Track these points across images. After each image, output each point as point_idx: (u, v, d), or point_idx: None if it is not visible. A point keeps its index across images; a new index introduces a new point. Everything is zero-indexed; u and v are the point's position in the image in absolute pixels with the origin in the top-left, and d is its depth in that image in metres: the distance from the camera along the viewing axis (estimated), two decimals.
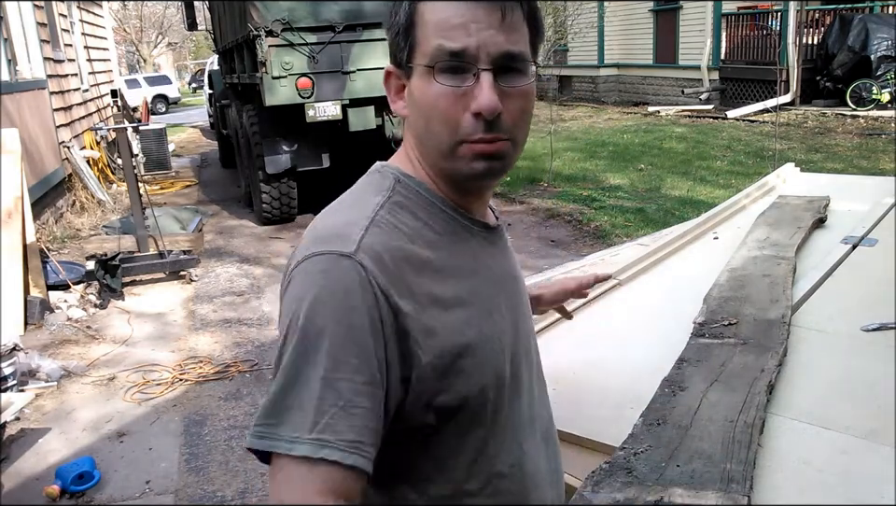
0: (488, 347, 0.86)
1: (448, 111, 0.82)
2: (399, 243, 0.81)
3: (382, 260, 0.78)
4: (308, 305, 0.76)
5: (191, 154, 14.52)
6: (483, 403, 0.86)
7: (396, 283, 0.78)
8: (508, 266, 0.97)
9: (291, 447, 0.73)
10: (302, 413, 0.73)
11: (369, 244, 0.79)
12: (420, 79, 0.83)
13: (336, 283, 0.76)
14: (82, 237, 7.31)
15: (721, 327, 1.53)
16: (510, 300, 0.94)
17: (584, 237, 6.65)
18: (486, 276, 0.90)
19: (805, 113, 12.65)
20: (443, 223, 0.87)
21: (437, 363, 0.80)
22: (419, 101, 0.84)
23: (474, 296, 0.86)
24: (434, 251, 0.84)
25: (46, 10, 9.20)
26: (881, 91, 12.03)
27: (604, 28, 17.69)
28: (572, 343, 1.67)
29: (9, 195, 5.30)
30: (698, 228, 2.42)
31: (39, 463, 3.37)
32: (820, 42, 13.21)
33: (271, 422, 0.75)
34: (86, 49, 12.34)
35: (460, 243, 0.88)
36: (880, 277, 1.80)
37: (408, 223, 0.84)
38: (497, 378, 0.87)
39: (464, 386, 0.83)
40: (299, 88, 6.59)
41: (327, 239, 0.80)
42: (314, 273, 0.78)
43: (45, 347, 4.63)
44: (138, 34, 37.65)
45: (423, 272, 0.82)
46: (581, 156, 10.56)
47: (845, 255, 1.97)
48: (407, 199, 0.86)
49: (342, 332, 0.75)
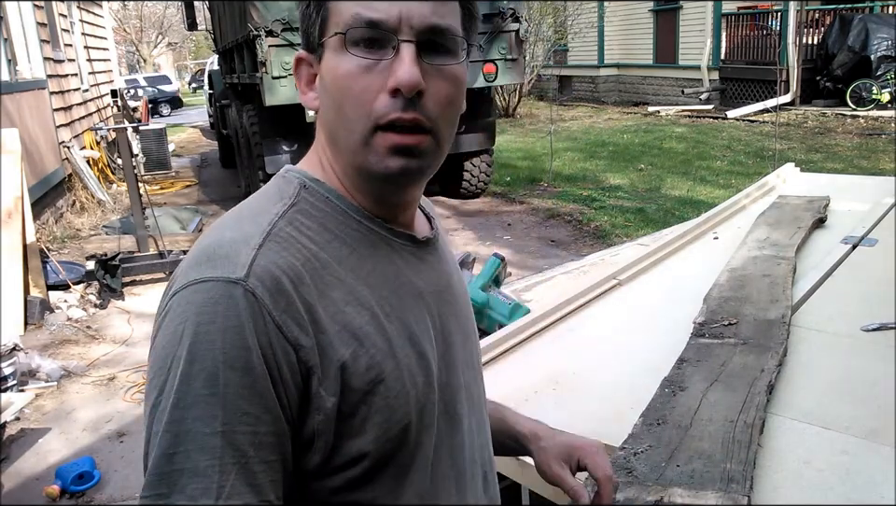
0: (408, 380, 0.73)
1: (362, 90, 0.70)
2: (300, 260, 0.69)
3: (278, 284, 0.66)
4: (191, 345, 0.63)
5: (191, 154, 14.52)
6: (406, 446, 0.73)
7: (294, 312, 0.66)
8: (441, 284, 0.83)
9: None
10: (200, 478, 0.61)
11: (262, 265, 0.66)
12: (332, 56, 0.72)
13: (224, 317, 0.64)
14: (82, 237, 7.31)
15: (721, 327, 1.53)
16: (441, 324, 0.81)
17: (584, 237, 6.65)
18: (409, 297, 0.77)
19: (805, 113, 12.65)
20: (357, 235, 0.75)
21: (346, 402, 0.69)
22: (330, 83, 0.73)
23: (392, 321, 0.74)
24: (345, 268, 0.72)
25: (46, 10, 9.20)
26: (881, 91, 12.03)
27: (604, 28, 17.70)
28: (572, 343, 1.67)
29: (9, 195, 5.30)
30: (698, 228, 2.42)
31: (39, 463, 3.37)
32: (820, 42, 13.22)
33: (161, 492, 0.61)
34: (86, 49, 12.34)
35: (377, 258, 0.76)
36: (880, 277, 1.80)
37: (313, 236, 0.72)
38: (421, 414, 0.74)
39: (381, 428, 0.70)
40: None
41: (212, 260, 0.67)
42: (196, 303, 0.65)
43: (45, 347, 4.63)
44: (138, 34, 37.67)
45: (330, 293, 0.70)
46: (580, 156, 10.56)
47: (845, 255, 1.97)
48: (314, 207, 0.74)
49: (236, 378, 0.63)
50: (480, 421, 0.88)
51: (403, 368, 0.73)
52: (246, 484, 0.62)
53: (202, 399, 0.62)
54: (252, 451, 0.63)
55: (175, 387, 0.63)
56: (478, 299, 2.22)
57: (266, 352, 0.64)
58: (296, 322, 0.66)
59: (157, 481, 0.62)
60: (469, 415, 0.84)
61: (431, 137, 0.73)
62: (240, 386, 0.63)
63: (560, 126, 13.15)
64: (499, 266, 2.34)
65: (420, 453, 0.75)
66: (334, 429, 0.69)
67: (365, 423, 0.70)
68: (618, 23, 17.67)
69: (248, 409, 0.63)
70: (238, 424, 0.62)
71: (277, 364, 0.65)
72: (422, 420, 0.74)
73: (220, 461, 0.61)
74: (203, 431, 0.61)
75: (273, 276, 0.66)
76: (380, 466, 0.72)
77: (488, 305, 2.24)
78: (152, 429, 0.64)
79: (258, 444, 0.63)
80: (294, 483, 0.70)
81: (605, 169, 9.54)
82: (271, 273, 0.66)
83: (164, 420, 0.62)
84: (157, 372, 0.65)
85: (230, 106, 9.25)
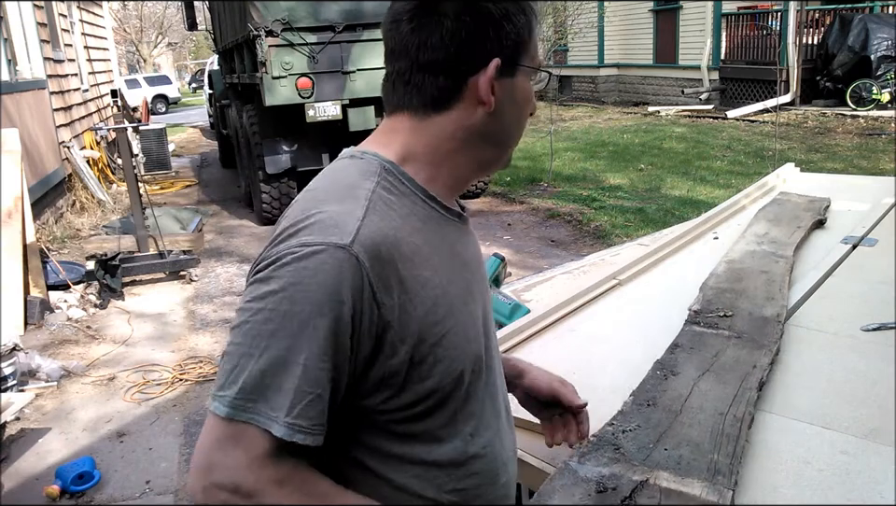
0: (466, 333, 0.91)
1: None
2: (393, 230, 0.84)
3: (377, 251, 0.81)
4: (300, 291, 0.78)
5: (191, 154, 14.52)
6: (460, 389, 0.90)
7: (385, 276, 0.81)
8: (476, 252, 1.02)
9: (269, 425, 0.78)
10: (281, 394, 0.78)
11: (366, 234, 0.81)
12: (525, 79, 0.92)
13: (329, 275, 0.78)
14: (82, 237, 7.31)
15: (717, 317, 1.53)
16: (479, 285, 0.99)
17: (584, 237, 6.65)
18: (461, 263, 0.94)
19: (805, 113, 12.65)
20: (424, 212, 0.90)
21: (418, 351, 0.84)
22: (521, 98, 0.93)
23: (452, 284, 0.90)
24: (420, 239, 0.87)
25: (46, 10, 9.20)
26: (881, 91, 12.03)
27: (604, 28, 17.69)
28: (573, 342, 1.67)
29: (9, 195, 5.30)
30: (698, 228, 2.42)
31: (39, 463, 3.37)
32: (820, 42, 13.22)
33: (251, 397, 0.78)
34: (86, 49, 12.34)
35: (441, 232, 0.92)
36: (880, 277, 1.80)
37: (398, 210, 0.87)
38: (474, 362, 0.92)
39: (444, 373, 0.87)
40: (299, 88, 6.59)
41: (322, 226, 0.81)
42: (308, 258, 0.79)
43: (45, 347, 4.63)
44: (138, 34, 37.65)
45: (412, 259, 0.85)
46: (581, 156, 10.56)
47: (845, 255, 1.97)
48: (393, 186, 0.89)
49: (328, 325, 0.78)
50: (500, 372, 1.05)
51: (461, 324, 0.90)
52: (313, 409, 0.79)
53: (298, 336, 0.78)
54: (323, 384, 0.79)
55: (279, 322, 0.78)
56: None
57: (357, 306, 0.79)
58: (385, 284, 0.81)
59: (251, 387, 0.78)
60: (497, 366, 1.02)
61: None
62: (327, 332, 0.78)
63: (560, 126, 13.14)
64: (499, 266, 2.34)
65: (470, 394, 0.92)
66: (405, 373, 0.84)
67: (432, 369, 0.86)
68: (618, 23, 17.67)
69: (329, 352, 0.79)
70: (318, 362, 0.78)
71: (362, 318, 0.80)
72: (473, 368, 0.92)
73: (298, 388, 0.78)
74: (291, 359, 0.78)
75: (375, 243, 0.81)
76: (439, 404, 0.89)
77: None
78: (242, 347, 0.80)
79: (327, 380, 0.80)
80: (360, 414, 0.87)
81: (605, 169, 9.54)
82: (373, 240, 0.81)
83: (266, 346, 0.79)
84: (268, 303, 0.79)
85: (230, 106, 9.25)
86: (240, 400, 0.78)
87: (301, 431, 0.78)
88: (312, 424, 0.79)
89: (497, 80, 0.89)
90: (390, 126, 0.94)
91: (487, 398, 0.97)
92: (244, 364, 0.79)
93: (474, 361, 0.92)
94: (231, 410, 0.79)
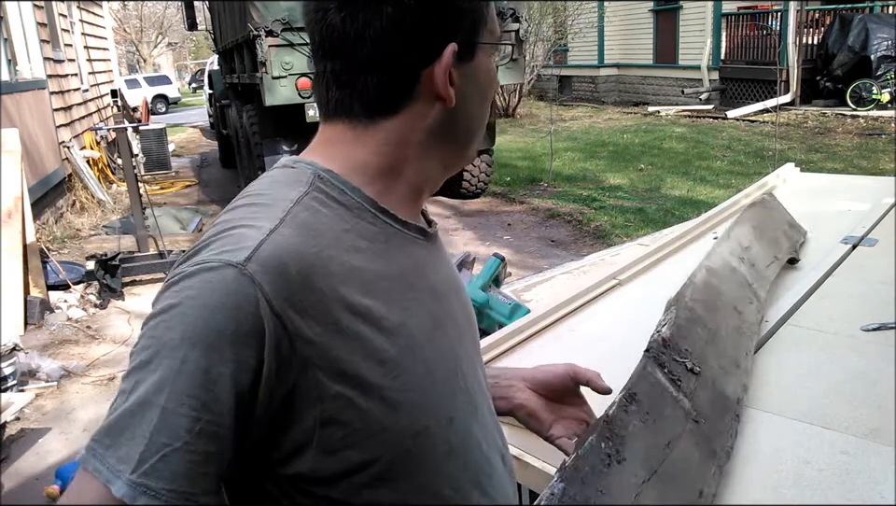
0: (432, 375, 0.73)
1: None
2: (315, 247, 0.68)
3: (284, 271, 0.64)
4: (178, 315, 0.63)
5: (191, 154, 14.52)
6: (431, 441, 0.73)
7: (299, 301, 0.65)
8: (447, 274, 0.84)
9: (110, 480, 0.61)
10: (133, 444, 0.61)
11: (270, 250, 0.65)
12: (486, 58, 0.78)
13: (210, 296, 0.63)
14: (82, 237, 7.31)
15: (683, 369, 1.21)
16: (457, 314, 0.83)
17: (584, 237, 6.65)
18: (427, 289, 0.78)
19: (805, 113, 12.65)
20: (372, 228, 0.74)
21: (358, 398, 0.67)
22: (484, 80, 0.79)
23: (410, 315, 0.73)
24: (362, 260, 0.71)
25: (46, 10, 9.20)
26: (881, 91, 12.03)
27: (604, 28, 17.70)
28: (572, 343, 1.67)
29: (9, 195, 5.30)
30: (698, 228, 2.42)
31: (39, 463, 3.37)
32: (820, 42, 13.22)
33: (105, 442, 0.62)
34: (86, 49, 12.34)
35: (392, 250, 0.75)
36: (880, 277, 1.80)
37: (331, 224, 0.71)
38: (446, 410, 0.75)
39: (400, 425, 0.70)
40: (299, 88, 6.59)
41: (221, 241, 0.67)
42: (194, 277, 0.65)
43: (45, 347, 4.63)
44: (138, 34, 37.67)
45: (346, 283, 0.68)
46: (581, 156, 10.56)
47: (845, 255, 1.97)
48: (328, 196, 0.72)
49: (194, 357, 0.61)
50: (490, 406, 0.88)
51: (423, 364, 0.72)
52: (171, 468, 0.61)
53: (162, 367, 0.62)
54: (188, 437, 0.61)
55: (143, 356, 0.64)
56: (478, 299, 2.21)
57: (246, 339, 0.62)
58: (299, 312, 0.64)
59: (107, 430, 0.63)
60: (484, 402, 0.85)
61: None
62: (196, 367, 0.61)
63: (560, 126, 13.14)
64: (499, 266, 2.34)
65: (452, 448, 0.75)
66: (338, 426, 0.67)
67: (384, 419, 0.68)
68: (618, 23, 17.67)
69: (196, 393, 0.61)
70: (179, 405, 0.61)
71: (259, 353, 0.63)
72: (444, 417, 0.74)
73: (153, 436, 0.61)
74: (152, 400, 0.61)
75: (280, 262, 0.65)
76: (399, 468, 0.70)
77: (488, 305, 2.23)
78: (125, 381, 0.65)
79: (196, 432, 0.61)
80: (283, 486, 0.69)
81: (605, 169, 9.54)
82: (277, 258, 0.65)
83: (131, 381, 0.63)
84: (142, 336, 0.65)
85: (230, 106, 9.25)
86: (94, 443, 0.63)
87: (147, 494, 0.60)
88: (163, 487, 0.60)
89: (454, 67, 0.74)
90: (326, 137, 0.77)
91: (476, 442, 0.79)
92: (117, 402, 0.64)
93: (446, 409, 0.75)
94: (83, 453, 0.63)
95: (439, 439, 0.73)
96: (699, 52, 15.06)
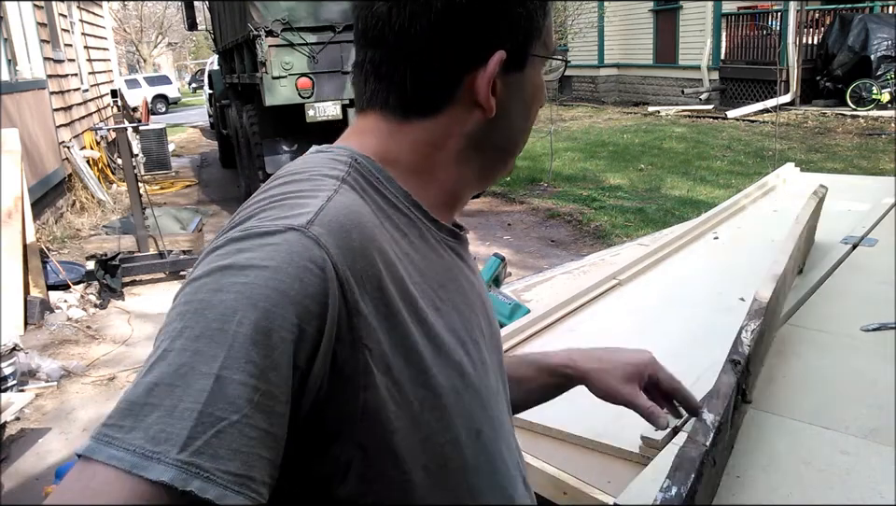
0: (472, 386, 0.69)
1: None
2: (370, 222, 0.62)
3: (348, 236, 0.58)
4: (220, 277, 0.55)
5: (191, 154, 14.52)
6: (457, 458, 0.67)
7: (360, 271, 0.58)
8: (475, 281, 0.80)
9: (140, 466, 0.48)
10: (173, 420, 0.49)
11: (332, 215, 0.59)
12: (535, 71, 0.74)
13: (272, 256, 0.55)
14: (82, 237, 7.30)
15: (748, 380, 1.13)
16: (479, 324, 0.76)
17: (584, 237, 6.65)
18: (455, 292, 0.72)
19: (805, 113, 12.65)
20: (406, 220, 0.68)
21: (396, 394, 0.61)
22: (530, 95, 0.74)
23: (442, 314, 0.68)
24: (400, 250, 0.66)
25: (46, 10, 9.20)
26: (881, 91, 12.03)
27: (604, 28, 17.69)
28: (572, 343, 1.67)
29: (9, 195, 5.30)
30: (698, 228, 2.42)
31: (39, 463, 3.37)
32: (820, 42, 13.22)
33: (124, 424, 0.50)
34: (86, 49, 12.34)
35: (426, 247, 0.70)
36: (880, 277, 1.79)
37: (373, 208, 0.65)
38: (477, 420, 0.70)
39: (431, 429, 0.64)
40: (299, 88, 6.59)
41: (271, 210, 0.60)
42: (246, 241, 0.57)
43: (45, 347, 4.63)
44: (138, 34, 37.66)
45: (396, 266, 0.63)
46: (581, 156, 10.56)
47: (845, 255, 1.97)
48: (368, 183, 0.67)
49: (253, 319, 0.52)
50: (511, 425, 0.83)
51: (453, 365, 0.67)
52: (227, 446, 0.50)
53: (211, 333, 0.52)
54: (247, 408, 0.51)
55: (189, 315, 0.54)
56: None
57: (311, 304, 0.54)
58: (359, 283, 0.58)
59: (126, 410, 0.51)
60: (507, 419, 0.80)
61: None
62: (255, 330, 0.52)
63: (560, 126, 13.14)
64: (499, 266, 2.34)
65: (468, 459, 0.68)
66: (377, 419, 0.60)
67: (417, 418, 0.63)
68: (618, 23, 17.67)
69: (256, 358, 0.52)
70: (238, 371, 0.51)
71: (321, 322, 0.55)
72: (474, 424, 0.69)
73: (204, 408, 0.50)
74: (199, 369, 0.51)
75: (343, 227, 0.58)
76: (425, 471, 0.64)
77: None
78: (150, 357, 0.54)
79: (255, 403, 0.51)
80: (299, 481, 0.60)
81: (605, 169, 9.54)
82: (340, 223, 0.58)
83: (163, 347, 0.53)
84: (178, 303, 0.56)
85: (230, 106, 9.26)
86: (107, 428, 0.50)
87: (200, 476, 0.48)
88: (220, 468, 0.49)
89: (501, 77, 0.69)
90: (361, 127, 0.73)
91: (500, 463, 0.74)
92: (136, 379, 0.53)
93: (473, 421, 0.70)
94: (89, 442, 0.50)
95: (468, 451, 0.68)
96: (699, 52, 15.06)
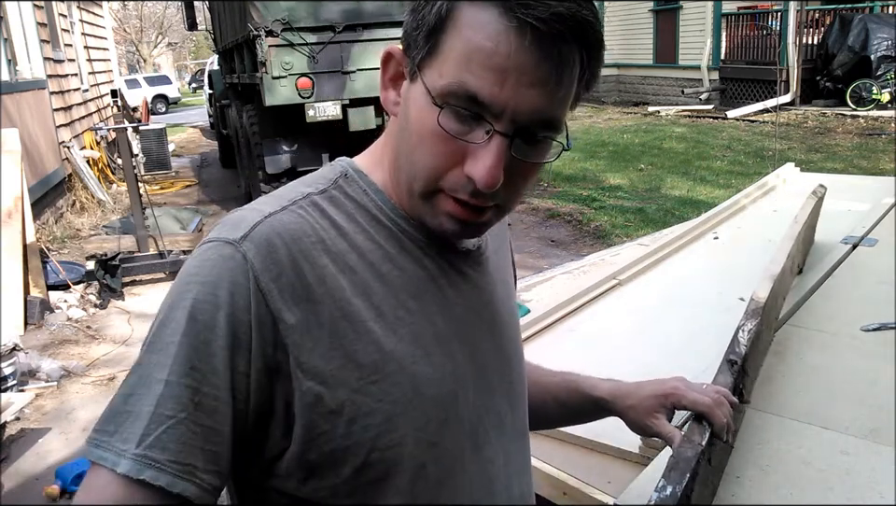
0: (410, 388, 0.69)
1: (439, 156, 0.66)
2: (310, 237, 0.67)
3: (273, 251, 0.65)
4: (178, 294, 0.65)
5: (191, 154, 14.52)
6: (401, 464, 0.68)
7: (284, 283, 0.64)
8: (479, 299, 0.78)
9: (115, 463, 0.60)
10: (136, 422, 0.61)
11: (263, 231, 0.65)
12: (423, 96, 0.65)
13: (209, 273, 0.64)
14: (82, 237, 7.30)
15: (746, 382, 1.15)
16: (471, 338, 0.76)
17: (584, 237, 6.65)
18: (434, 306, 0.73)
19: (805, 113, 12.65)
20: (386, 233, 0.72)
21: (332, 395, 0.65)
22: (413, 122, 0.67)
23: (404, 324, 0.70)
24: (364, 261, 0.69)
25: (46, 10, 9.20)
26: (881, 91, 12.03)
27: (604, 28, 17.66)
28: (572, 343, 1.67)
29: (9, 195, 5.30)
30: (698, 228, 2.42)
31: (39, 463, 3.37)
32: (820, 42, 13.22)
33: (108, 429, 0.62)
34: (86, 49, 12.34)
35: (403, 260, 0.72)
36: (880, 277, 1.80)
37: (337, 221, 0.70)
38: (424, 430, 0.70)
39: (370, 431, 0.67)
40: (299, 88, 6.59)
41: (224, 225, 0.68)
42: (196, 260, 0.66)
43: (45, 347, 4.63)
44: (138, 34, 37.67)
45: (338, 277, 0.67)
46: (580, 156, 10.56)
47: (845, 255, 1.97)
48: (347, 197, 0.72)
49: (196, 330, 0.62)
50: (512, 450, 0.81)
51: (409, 374, 0.69)
52: (174, 439, 0.61)
53: (165, 345, 0.63)
54: (191, 407, 0.61)
55: (153, 331, 0.65)
56: None
57: (238, 314, 0.63)
58: (282, 293, 0.64)
59: (109, 417, 0.63)
60: (497, 442, 0.78)
61: (496, 209, 0.70)
62: (197, 340, 0.62)
63: None
64: None
65: (421, 464, 0.70)
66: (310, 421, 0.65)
67: (352, 424, 0.66)
68: (618, 23, 17.67)
69: (198, 364, 0.62)
70: (183, 376, 0.62)
71: (247, 329, 0.63)
72: (426, 435, 0.70)
73: (156, 408, 0.61)
74: (155, 376, 0.62)
75: (269, 243, 0.65)
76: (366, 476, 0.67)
77: None
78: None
79: (196, 403, 0.62)
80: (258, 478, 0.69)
81: (605, 169, 9.54)
82: (268, 239, 0.65)
83: (135, 362, 0.65)
84: (158, 311, 0.67)
85: (230, 106, 9.26)
86: (96, 433, 0.63)
87: (152, 466, 0.60)
88: (168, 458, 0.60)
89: (399, 82, 0.71)
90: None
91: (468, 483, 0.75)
92: (119, 390, 0.65)
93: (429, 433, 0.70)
94: (88, 448, 0.63)
95: (409, 458, 0.69)
96: (699, 52, 15.06)
